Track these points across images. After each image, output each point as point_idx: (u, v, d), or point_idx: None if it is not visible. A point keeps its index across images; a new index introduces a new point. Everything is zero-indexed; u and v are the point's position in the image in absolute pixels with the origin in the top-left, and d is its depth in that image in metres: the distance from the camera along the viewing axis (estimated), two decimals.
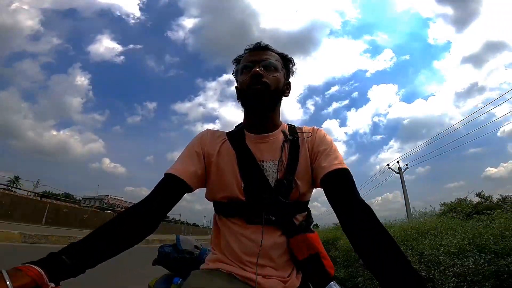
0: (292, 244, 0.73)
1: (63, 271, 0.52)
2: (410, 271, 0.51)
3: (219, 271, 0.71)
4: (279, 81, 0.78)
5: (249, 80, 0.75)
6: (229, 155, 0.78)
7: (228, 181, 0.76)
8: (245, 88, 0.77)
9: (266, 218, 0.72)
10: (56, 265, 0.52)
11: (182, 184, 0.73)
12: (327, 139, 0.80)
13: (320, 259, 0.74)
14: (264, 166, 0.76)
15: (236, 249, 0.73)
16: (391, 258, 0.53)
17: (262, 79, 0.74)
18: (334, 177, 0.70)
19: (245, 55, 0.83)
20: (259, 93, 0.74)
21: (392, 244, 0.56)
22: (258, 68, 0.75)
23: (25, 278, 0.46)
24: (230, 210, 0.77)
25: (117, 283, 3.31)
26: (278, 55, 0.83)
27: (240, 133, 0.83)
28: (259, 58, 0.78)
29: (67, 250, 0.55)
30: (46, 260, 0.52)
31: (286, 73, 0.84)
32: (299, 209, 0.78)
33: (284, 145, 0.78)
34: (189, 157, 0.79)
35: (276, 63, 0.79)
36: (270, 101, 0.77)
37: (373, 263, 0.56)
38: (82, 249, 0.57)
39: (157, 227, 0.71)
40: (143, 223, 0.67)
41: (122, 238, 0.63)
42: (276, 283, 0.69)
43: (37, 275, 0.48)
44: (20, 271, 0.47)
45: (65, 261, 0.53)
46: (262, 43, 0.83)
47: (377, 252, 0.55)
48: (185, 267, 0.86)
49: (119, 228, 0.64)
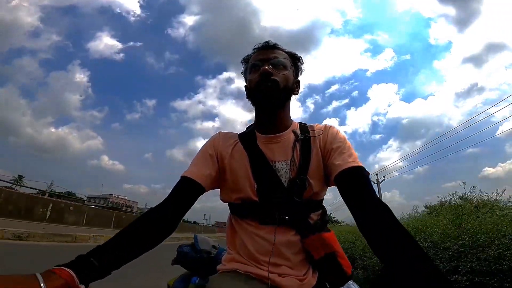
0: (307, 243, 0.73)
1: (92, 273, 0.54)
2: (432, 269, 0.48)
3: (236, 272, 0.72)
4: (288, 79, 0.78)
5: (258, 78, 0.76)
6: (241, 157, 0.80)
7: (242, 183, 0.77)
8: (254, 87, 0.77)
9: (280, 218, 0.72)
10: (86, 267, 0.54)
11: (197, 186, 0.75)
12: (340, 136, 0.79)
13: (337, 258, 0.73)
14: (276, 166, 0.77)
15: (251, 248, 0.74)
16: (411, 257, 0.51)
17: (272, 77, 0.75)
18: (348, 175, 0.69)
19: (254, 54, 0.83)
20: (269, 91, 0.74)
21: (412, 242, 0.54)
22: (267, 67, 0.75)
23: (59, 281, 0.48)
24: (244, 211, 0.78)
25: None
26: (286, 54, 0.83)
27: (252, 134, 0.83)
28: (268, 57, 0.78)
29: (94, 252, 0.57)
30: (76, 262, 0.54)
31: (295, 72, 0.84)
32: (313, 208, 0.77)
33: (296, 145, 0.78)
34: (203, 160, 0.80)
35: (285, 61, 0.79)
36: (280, 98, 0.77)
37: (392, 262, 0.53)
38: (109, 251, 0.59)
39: (176, 228, 0.74)
40: (163, 225, 0.70)
41: (144, 240, 0.66)
42: (292, 282, 0.69)
43: (69, 277, 0.50)
44: (53, 274, 0.49)
45: (94, 263, 0.55)
46: (270, 41, 0.83)
47: (397, 251, 0.53)
48: (203, 267, 0.88)
49: (140, 230, 0.67)
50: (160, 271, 3.77)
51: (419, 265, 0.49)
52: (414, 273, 0.49)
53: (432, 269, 0.48)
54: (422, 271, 0.48)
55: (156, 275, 3.70)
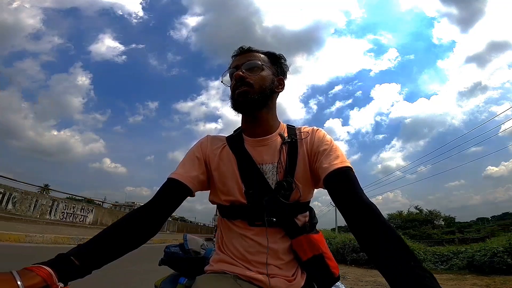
0: (294, 245, 0.74)
1: (71, 271, 0.54)
2: (418, 268, 0.50)
3: (224, 273, 0.73)
4: (264, 79, 0.79)
5: (234, 84, 0.78)
6: (229, 160, 0.80)
7: (230, 185, 0.78)
8: (232, 93, 0.79)
9: (268, 220, 0.73)
10: (65, 265, 0.54)
11: (183, 188, 0.75)
12: (326, 139, 0.80)
13: (325, 260, 0.75)
14: (264, 169, 0.78)
15: (240, 249, 0.74)
16: (397, 256, 0.52)
17: (246, 80, 0.76)
18: (335, 177, 0.70)
19: (231, 61, 0.85)
20: (244, 94, 0.76)
21: (398, 242, 0.55)
22: (240, 71, 0.77)
23: (36, 278, 0.48)
24: (233, 213, 0.78)
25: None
26: (263, 54, 0.84)
27: (239, 137, 0.84)
28: (242, 62, 0.80)
29: (75, 251, 0.57)
30: (55, 260, 0.54)
31: (275, 70, 0.84)
32: (300, 210, 0.78)
33: (283, 147, 0.79)
34: (190, 162, 0.81)
35: (258, 63, 0.80)
36: (255, 99, 0.77)
37: (379, 262, 0.55)
38: (90, 250, 0.59)
39: (160, 229, 0.74)
40: (147, 225, 0.70)
41: (127, 240, 0.66)
42: (281, 282, 0.70)
43: (47, 275, 0.49)
44: (30, 272, 0.49)
45: (74, 261, 0.55)
46: (244, 46, 0.85)
47: (383, 251, 0.55)
48: (191, 267, 0.87)
49: (124, 230, 0.66)
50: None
51: (402, 262, 0.51)
52: (399, 269, 0.50)
53: (417, 265, 0.50)
54: (408, 267, 0.50)
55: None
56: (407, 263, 0.50)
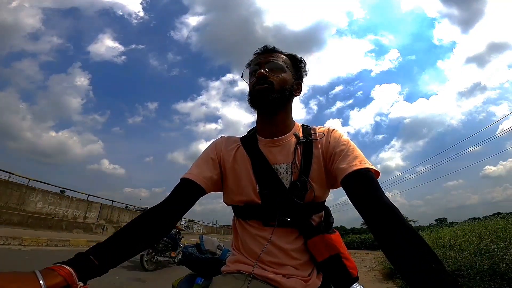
0: (310, 245, 0.73)
1: (91, 270, 0.55)
2: (440, 271, 0.48)
3: (240, 273, 0.73)
4: (285, 81, 0.79)
5: (255, 81, 0.78)
6: (243, 161, 0.81)
7: (244, 186, 0.78)
8: (251, 89, 0.79)
9: (281, 220, 0.73)
10: (85, 265, 0.55)
11: (197, 188, 0.76)
12: (343, 139, 0.78)
13: (341, 260, 0.73)
14: (278, 169, 0.77)
15: (255, 249, 0.74)
16: (418, 259, 0.50)
17: (268, 79, 0.76)
18: (354, 178, 0.68)
19: (254, 58, 0.85)
20: (264, 92, 0.76)
21: (420, 244, 0.53)
22: (263, 70, 0.77)
23: (57, 278, 0.49)
24: (247, 213, 0.79)
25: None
26: (286, 56, 0.84)
27: (253, 138, 0.84)
28: (265, 60, 0.80)
29: (93, 250, 0.59)
30: (75, 260, 0.55)
31: (295, 73, 0.84)
32: (314, 210, 0.78)
33: (297, 148, 0.78)
34: (204, 163, 0.81)
35: (281, 64, 0.80)
36: (275, 99, 0.77)
37: (400, 265, 0.53)
38: (107, 249, 0.61)
39: (173, 228, 0.75)
40: (161, 224, 0.71)
41: (142, 238, 0.67)
42: (297, 283, 0.70)
43: (68, 275, 0.51)
44: (52, 271, 0.50)
45: (93, 261, 0.56)
46: (268, 46, 0.85)
47: (403, 253, 0.53)
48: (207, 268, 0.89)
49: (139, 229, 0.68)
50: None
51: (424, 265, 0.49)
52: (420, 272, 0.48)
53: (439, 268, 0.48)
54: (429, 270, 0.48)
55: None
56: (428, 266, 0.48)
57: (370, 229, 0.62)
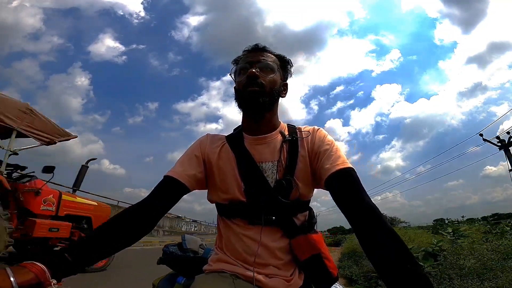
0: (293, 244, 0.74)
1: (65, 268, 0.55)
2: (416, 272, 0.50)
3: (223, 272, 0.72)
4: (275, 82, 0.78)
5: (245, 81, 0.76)
6: (228, 158, 0.80)
7: (229, 184, 0.77)
8: (241, 89, 0.77)
9: (266, 218, 0.73)
10: (58, 262, 0.54)
11: (180, 186, 0.75)
12: (327, 139, 0.79)
13: (322, 260, 0.74)
14: (263, 167, 0.77)
15: (239, 249, 0.74)
16: (394, 259, 0.53)
17: (258, 80, 0.75)
18: (337, 178, 0.69)
19: (243, 56, 0.83)
20: (254, 94, 0.75)
21: (397, 245, 0.55)
22: (254, 69, 0.75)
23: (29, 275, 0.48)
24: (232, 211, 0.78)
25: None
26: (275, 57, 0.83)
27: (239, 135, 0.83)
28: (256, 59, 0.79)
29: (69, 248, 0.58)
30: (49, 257, 0.54)
31: (283, 74, 0.84)
32: (299, 209, 0.78)
33: (283, 146, 0.78)
34: (188, 161, 0.80)
35: (272, 65, 0.79)
36: (265, 102, 0.76)
37: (377, 264, 0.55)
38: (83, 247, 0.60)
39: (154, 227, 0.74)
40: (142, 222, 0.70)
41: (121, 237, 0.66)
42: (279, 282, 0.70)
43: (40, 272, 0.50)
44: (23, 268, 0.49)
45: (67, 258, 0.55)
46: (259, 44, 0.83)
47: (381, 253, 0.55)
48: (189, 266, 0.87)
49: (118, 227, 0.67)
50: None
51: (399, 265, 0.52)
52: (395, 272, 0.52)
53: (414, 269, 0.51)
54: (405, 271, 0.51)
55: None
56: (404, 267, 0.51)
57: (353, 230, 0.64)
